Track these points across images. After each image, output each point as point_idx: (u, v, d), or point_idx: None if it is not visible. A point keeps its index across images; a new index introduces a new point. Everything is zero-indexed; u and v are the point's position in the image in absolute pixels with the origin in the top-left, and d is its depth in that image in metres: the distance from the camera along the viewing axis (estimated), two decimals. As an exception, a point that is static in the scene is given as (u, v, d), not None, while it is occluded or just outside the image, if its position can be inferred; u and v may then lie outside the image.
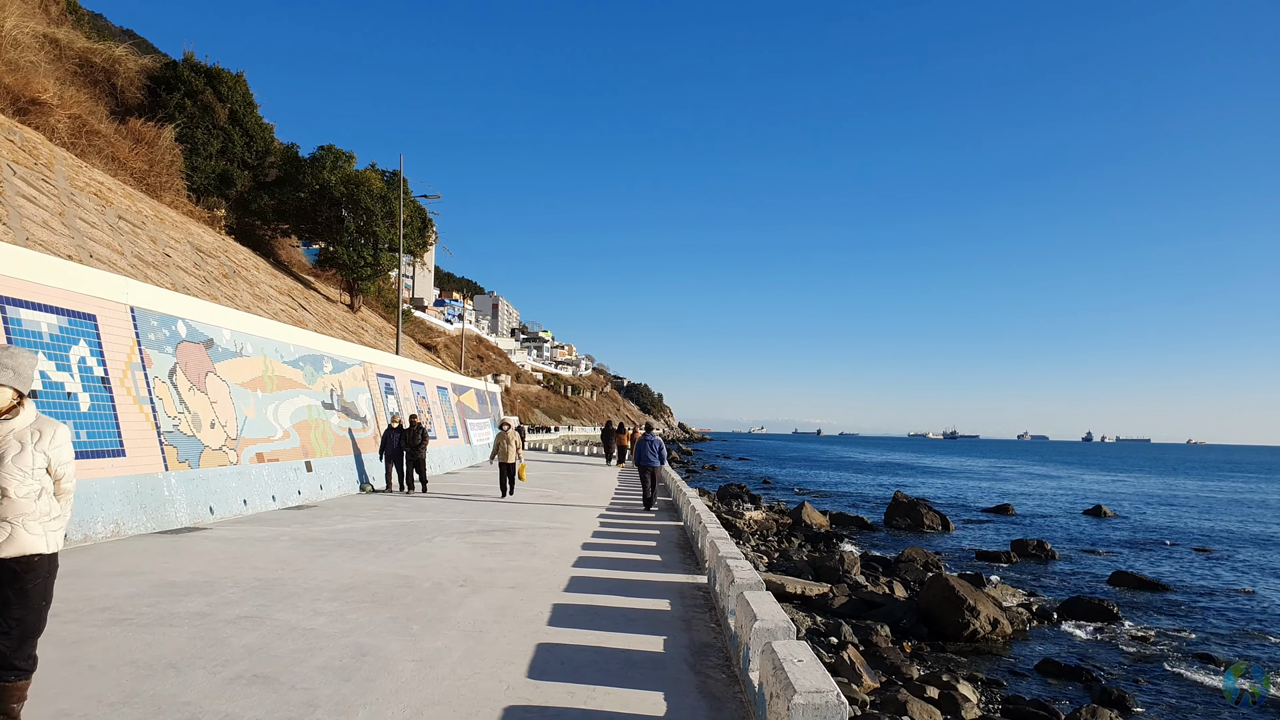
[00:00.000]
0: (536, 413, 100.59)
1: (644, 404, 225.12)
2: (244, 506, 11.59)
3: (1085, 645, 15.13)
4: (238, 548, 8.73)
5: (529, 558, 8.91)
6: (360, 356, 18.59)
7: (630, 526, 12.41)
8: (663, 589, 7.38)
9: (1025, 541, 27.60)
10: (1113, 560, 26.37)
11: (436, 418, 24.42)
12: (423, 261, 41.28)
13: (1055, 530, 34.38)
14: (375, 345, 30.18)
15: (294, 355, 14.92)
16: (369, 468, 17.11)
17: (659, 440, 15.74)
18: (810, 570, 19.83)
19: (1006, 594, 19.16)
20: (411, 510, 13.31)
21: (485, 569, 8.07)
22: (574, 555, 9.20)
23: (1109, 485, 68.11)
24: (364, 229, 33.64)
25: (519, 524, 12.04)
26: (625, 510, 15.08)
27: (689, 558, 9.43)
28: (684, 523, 12.42)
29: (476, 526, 11.58)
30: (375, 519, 11.96)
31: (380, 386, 19.52)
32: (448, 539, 10.22)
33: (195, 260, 17.35)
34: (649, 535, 11.32)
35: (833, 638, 13.71)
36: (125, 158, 21.32)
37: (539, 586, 7.29)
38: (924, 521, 33.78)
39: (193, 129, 27.86)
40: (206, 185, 28.74)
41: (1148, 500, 52.50)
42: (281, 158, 33.31)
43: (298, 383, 14.78)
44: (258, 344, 13.42)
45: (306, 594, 6.51)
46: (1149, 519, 40.36)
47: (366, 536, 10.10)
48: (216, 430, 11.29)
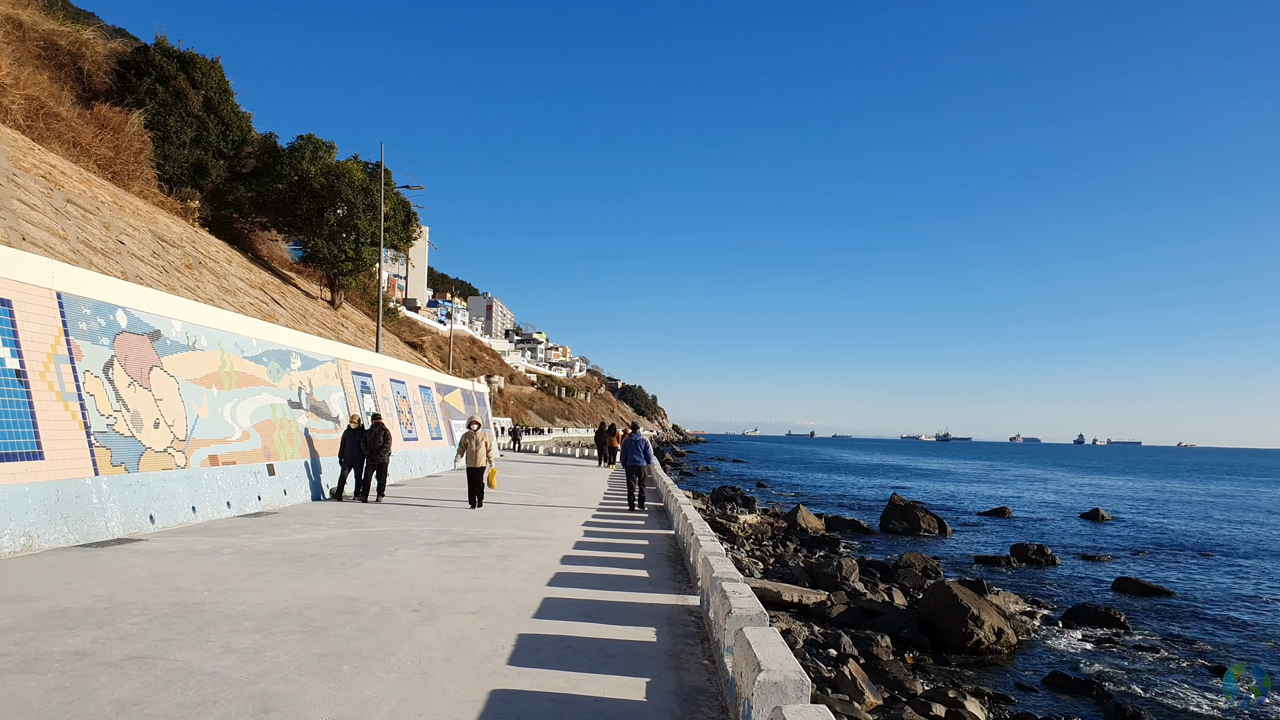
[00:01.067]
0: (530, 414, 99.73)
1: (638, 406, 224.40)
2: (192, 514, 10.56)
3: (1093, 656, 14.59)
4: (167, 563, 7.70)
5: (500, 574, 7.94)
6: (333, 353, 17.56)
7: (617, 535, 11.46)
8: (649, 613, 6.42)
9: (1025, 546, 27.06)
10: (1114, 565, 25.98)
11: (418, 418, 23.38)
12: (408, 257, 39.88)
13: (1054, 534, 33.94)
14: (355, 343, 29.04)
15: (257, 350, 13.87)
16: (337, 471, 16.09)
17: (645, 440, 15.81)
18: (807, 577, 19.17)
19: (1009, 601, 18.52)
20: (379, 518, 12.30)
21: (447, 589, 7.09)
22: (551, 571, 8.23)
23: (1104, 488, 67.73)
24: (345, 222, 32.41)
25: (495, 534, 11.06)
26: (613, 516, 14.13)
27: (680, 573, 8.48)
28: (675, 531, 11.47)
29: (448, 537, 10.60)
30: (337, 528, 10.97)
31: (356, 385, 18.49)
32: (412, 551, 9.23)
33: (155, 249, 16.27)
34: (637, 546, 10.37)
35: (832, 650, 13.07)
36: (89, 143, 20.20)
37: (506, 611, 6.32)
38: (921, 525, 33.28)
39: (164, 116, 26.63)
40: (179, 175, 27.54)
41: (1143, 503, 52.11)
42: (259, 148, 32.06)
43: (261, 380, 13.74)
44: (214, 337, 12.39)
45: (225, 623, 5.51)
46: (1146, 522, 39.97)
47: (321, 549, 9.10)
48: (161, 430, 10.26)
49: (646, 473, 16.35)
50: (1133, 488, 69.37)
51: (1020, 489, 63.51)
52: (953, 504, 47.57)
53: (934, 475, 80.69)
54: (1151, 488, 69.80)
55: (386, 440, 14.65)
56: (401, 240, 37.61)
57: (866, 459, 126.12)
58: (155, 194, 23.88)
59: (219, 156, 30.19)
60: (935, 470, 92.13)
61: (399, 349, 40.04)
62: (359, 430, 14.61)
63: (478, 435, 13.80)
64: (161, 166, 26.16)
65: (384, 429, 14.67)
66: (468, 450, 13.80)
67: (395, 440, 20.53)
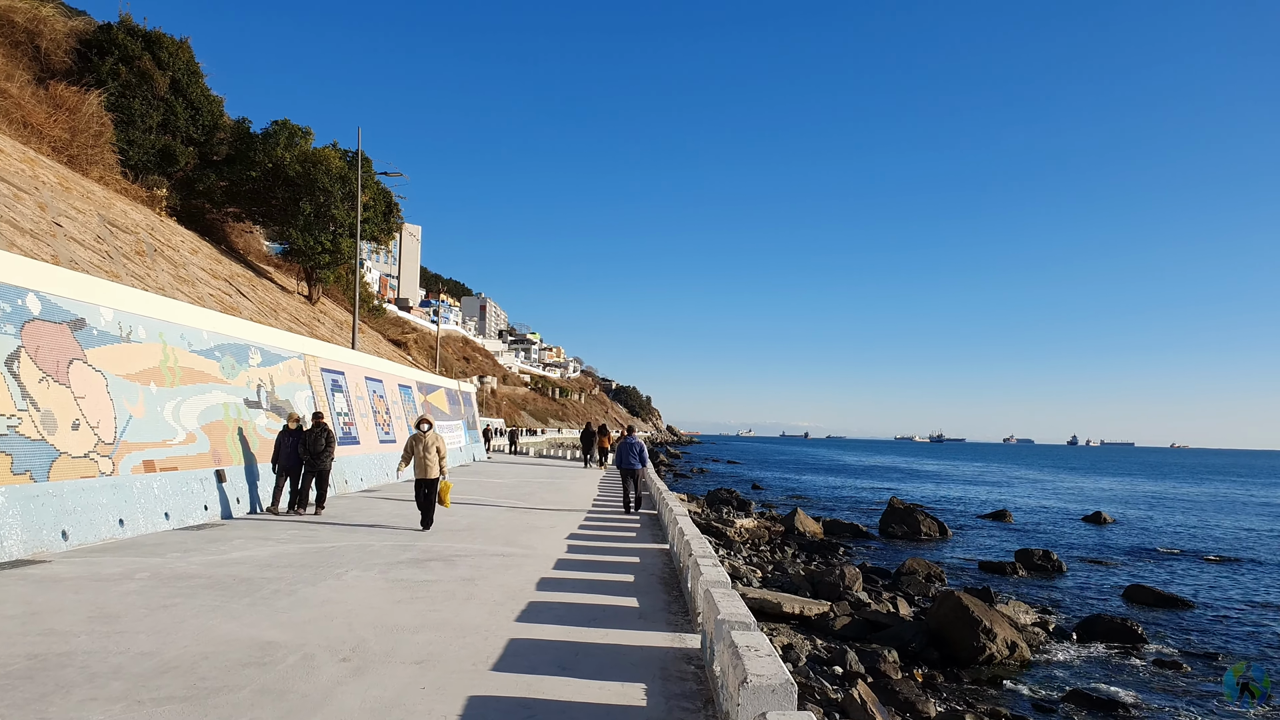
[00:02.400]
0: (523, 415, 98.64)
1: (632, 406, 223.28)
2: (119, 529, 9.24)
3: (1111, 671, 13.78)
4: (54, 594, 6.38)
5: (461, 605, 6.69)
6: (300, 348, 16.23)
7: (604, 552, 10.22)
8: (638, 662, 5.19)
9: (1030, 552, 26.16)
10: (1122, 571, 25.21)
11: (397, 419, 22.06)
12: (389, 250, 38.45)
13: (1057, 538, 33.13)
14: (332, 339, 27.53)
15: (208, 344, 12.53)
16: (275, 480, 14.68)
17: (640, 443, 15.57)
18: (808, 586, 18.24)
19: (1019, 611, 17.61)
20: (338, 531, 10.97)
21: (393, 627, 5.83)
22: (523, 600, 6.98)
23: (1103, 490, 66.98)
24: (321, 212, 30.81)
25: (466, 550, 9.80)
26: (601, 526, 12.87)
27: (675, 600, 7.24)
28: (670, 547, 10.25)
29: (411, 554, 9.33)
30: (286, 543, 9.69)
31: (326, 383, 17.16)
32: (365, 574, 7.95)
33: (100, 234, 14.90)
34: (626, 565, 9.12)
35: (837, 667, 12.18)
36: (41, 124, 18.81)
37: (459, 660, 5.07)
38: (921, 529, 32.45)
39: (128, 99, 25.09)
40: (145, 162, 26.02)
41: (1144, 505, 51.35)
42: (232, 134, 30.47)
43: (212, 376, 12.39)
44: (154, 328, 11.07)
45: (85, 686, 4.24)
46: (1150, 525, 39.19)
47: (258, 570, 7.83)
48: (82, 432, 8.96)
49: (642, 476, 16.03)
50: (1131, 490, 68.68)
51: (1018, 491, 62.70)
52: (952, 506, 46.70)
53: (930, 477, 79.85)
54: (1150, 489, 69.14)
55: (329, 443, 12.78)
56: (382, 232, 35.97)
57: (861, 460, 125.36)
58: (118, 181, 22.48)
59: (188, 143, 28.60)
60: (931, 472, 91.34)
61: (380, 346, 38.52)
62: (297, 432, 12.78)
63: (427, 439, 11.26)
64: (125, 152, 24.69)
65: (326, 430, 12.85)
66: (415, 457, 11.23)
67: (371, 441, 19.20)
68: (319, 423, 12.84)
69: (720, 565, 6.04)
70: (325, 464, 12.63)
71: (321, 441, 12.59)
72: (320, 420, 12.90)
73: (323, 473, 12.67)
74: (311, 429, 12.75)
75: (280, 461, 12.56)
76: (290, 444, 12.54)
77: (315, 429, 12.73)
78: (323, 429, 12.77)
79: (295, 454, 12.52)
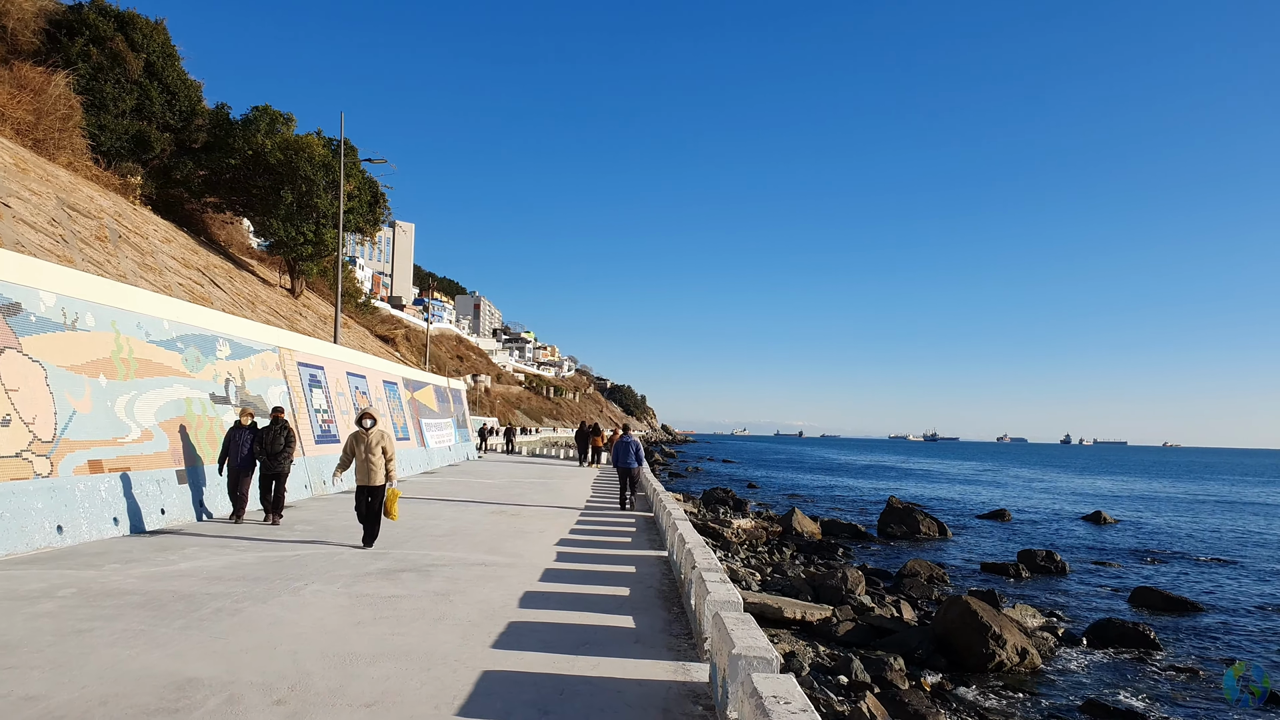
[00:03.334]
0: (517, 414, 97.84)
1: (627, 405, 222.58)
2: (57, 536, 8.32)
3: (1127, 679, 13.26)
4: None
5: (431, 627, 5.83)
6: (274, 340, 15.29)
7: (597, 559, 9.38)
8: (634, 702, 4.33)
9: (1033, 552, 25.60)
10: (1125, 572, 24.74)
11: (382, 416, 21.12)
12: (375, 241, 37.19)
13: (1058, 538, 32.65)
14: (314, 333, 26.47)
15: (170, 334, 11.56)
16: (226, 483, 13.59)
17: (636, 442, 15.79)
18: (809, 589, 17.61)
19: (1026, 615, 17.07)
20: (307, 537, 10.07)
21: (346, 656, 4.96)
22: (503, 619, 6.13)
23: (1100, 489, 66.62)
24: (304, 201, 29.58)
25: (445, 559, 8.92)
26: (595, 530, 12.02)
27: (676, 619, 6.39)
28: (669, 554, 9.40)
29: (384, 563, 8.47)
30: (244, 551, 8.79)
31: (303, 378, 16.21)
32: (327, 587, 7.08)
33: (56, 218, 13.88)
34: (621, 576, 8.27)
35: (842, 676, 11.65)
36: (3, 105, 17.81)
37: (417, 701, 4.21)
38: (920, 528, 31.94)
39: (100, 81, 23.94)
40: (119, 148, 24.90)
41: (1143, 505, 50.91)
42: (210, 120, 29.24)
43: (174, 369, 11.44)
44: (106, 315, 10.14)
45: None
46: (1150, 525, 38.77)
47: (205, 585, 6.94)
48: (14, 429, 8.03)
49: (638, 474, 16.28)
50: (1129, 489, 68.34)
51: (1016, 490, 62.26)
52: (950, 506, 46.17)
53: (926, 476, 79.35)
54: (1148, 489, 68.79)
55: (289, 443, 11.14)
56: (368, 223, 34.69)
57: (857, 459, 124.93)
58: (89, 167, 21.45)
59: (164, 129, 27.40)
60: (927, 471, 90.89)
61: (366, 342, 37.36)
62: (251, 429, 11.18)
63: (371, 437, 9.46)
64: (96, 137, 23.58)
65: (287, 428, 11.25)
66: (356, 459, 9.45)
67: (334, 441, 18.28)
68: (278, 419, 11.34)
69: (729, 582, 5.20)
70: (284, 466, 11.13)
71: (280, 441, 11.10)
72: (279, 416, 11.38)
73: (279, 475, 11.17)
74: (270, 426, 11.26)
75: (230, 463, 11.00)
76: (245, 442, 11.04)
77: (274, 426, 11.24)
78: (282, 426, 11.27)
79: (250, 455, 11.04)
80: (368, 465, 9.34)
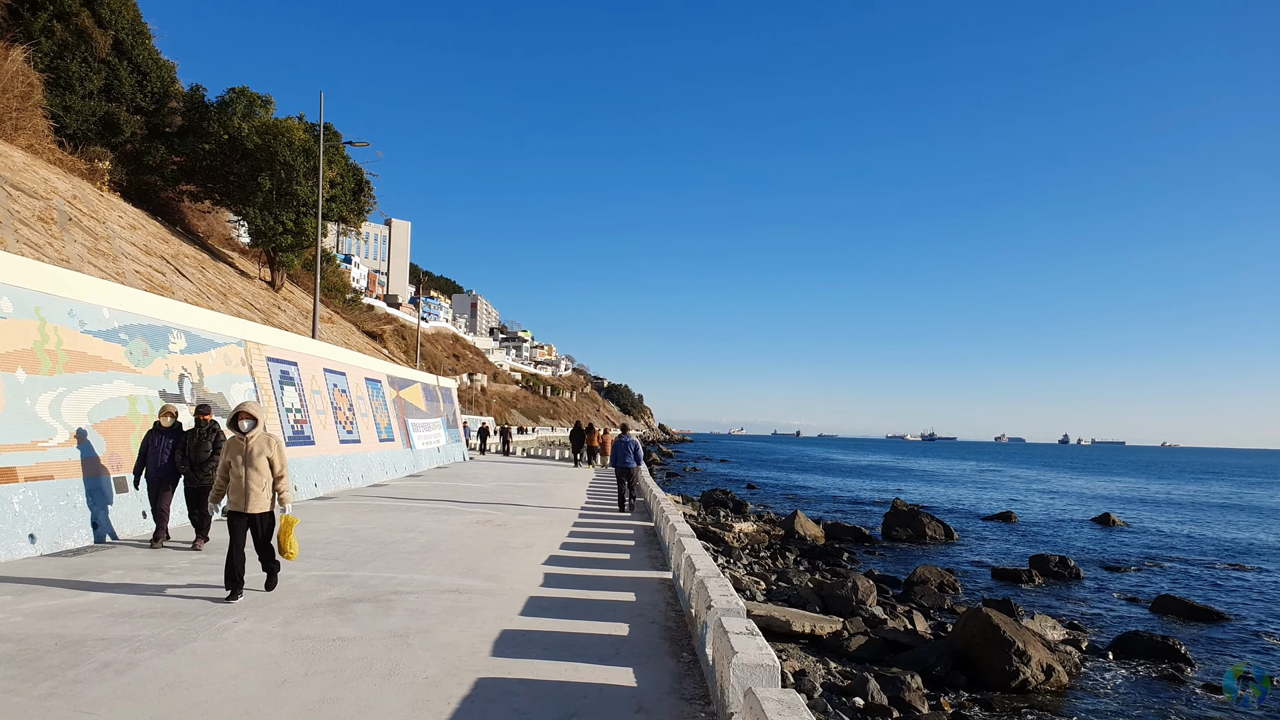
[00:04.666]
0: (514, 413, 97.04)
1: (624, 405, 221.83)
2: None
3: (1160, 698, 12.43)
4: None
5: (377, 687, 4.76)
6: (239, 333, 14.17)
7: (592, 581, 8.40)
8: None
9: (1046, 558, 24.81)
10: (1142, 578, 23.95)
11: (362, 415, 20.08)
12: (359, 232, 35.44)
13: (1068, 542, 31.90)
14: (292, 327, 25.35)
15: (110, 323, 10.39)
16: None
17: (635, 441, 15.73)
18: (817, 600, 16.78)
19: (1046, 627, 16.23)
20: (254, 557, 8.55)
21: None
22: (470, 673, 5.06)
23: (1103, 489, 65.83)
24: (283, 188, 28.16)
25: (413, 582, 7.85)
26: (589, 545, 11.03)
27: (688, 673, 5.37)
28: (674, 579, 8.39)
29: (338, 590, 7.37)
30: (177, 575, 7.64)
31: (273, 375, 15.19)
32: (259, 626, 5.92)
33: (-9, 196, 12.85)
34: (618, 605, 7.28)
35: (858, 698, 10.82)
36: (-49, 81, 16.79)
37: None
38: (926, 532, 31.25)
39: (65, 60, 22.64)
40: (85, 131, 23.54)
41: (1150, 506, 50.17)
42: (185, 103, 27.86)
43: (114, 362, 10.23)
44: (28, 300, 8.93)
45: None
46: (1160, 528, 37.99)
47: (106, 625, 5.73)
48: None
49: (637, 474, 16.23)
50: (1132, 489, 67.58)
51: (1018, 491, 61.48)
52: (953, 507, 45.38)
53: (927, 477, 78.57)
54: (1151, 490, 68.04)
55: (217, 449, 9.26)
56: (352, 212, 32.91)
57: (856, 459, 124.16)
58: (52, 150, 20.29)
59: (135, 111, 26.04)
60: (927, 471, 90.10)
61: (352, 338, 35.97)
62: (174, 430, 9.45)
63: (251, 445, 6.98)
64: (61, 119, 22.33)
65: (215, 430, 9.49)
66: (231, 475, 6.94)
67: (330, 441, 17.30)
68: (204, 419, 9.42)
69: (757, 634, 4.16)
70: (207, 478, 9.29)
71: (207, 447, 9.29)
72: (206, 416, 9.45)
73: (201, 490, 9.36)
74: (195, 429, 9.45)
75: (148, 473, 9.27)
76: (163, 449, 9.29)
77: (199, 429, 9.41)
78: (209, 429, 9.42)
79: (169, 463, 9.29)
80: (246, 485, 6.83)
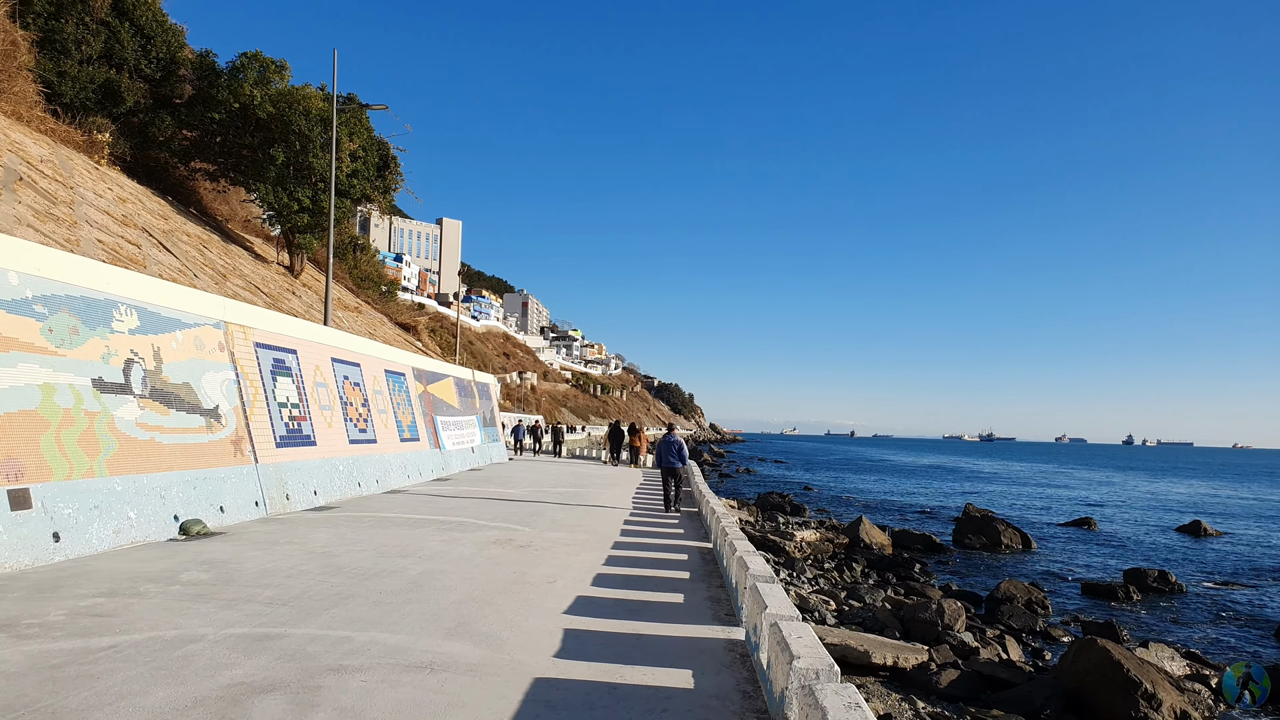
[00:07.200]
0: (564, 411, 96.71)
1: (675, 404, 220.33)
2: None
3: None
4: None
5: None
6: (218, 313, 12.21)
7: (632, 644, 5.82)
8: None
9: (1143, 572, 22.49)
10: (1257, 597, 21.25)
11: (379, 412, 18.19)
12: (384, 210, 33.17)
13: (1157, 552, 29.43)
14: (307, 315, 23.11)
15: (22, 292, 8.52)
16: (207, 494, 10.75)
17: (680, 440, 15.86)
18: (897, 624, 15.01)
19: (1164, 658, 14.09)
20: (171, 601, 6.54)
21: None
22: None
23: (1182, 494, 61.64)
24: (298, 161, 25.96)
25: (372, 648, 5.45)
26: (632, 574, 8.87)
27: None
28: (747, 638, 6.04)
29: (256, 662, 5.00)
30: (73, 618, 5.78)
31: (262, 363, 13.38)
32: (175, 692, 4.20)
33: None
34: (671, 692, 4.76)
35: None
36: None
37: None
38: (1002, 540, 29.14)
39: (60, 21, 21.09)
40: (83, 100, 21.81)
41: (1242, 514, 46.14)
42: (193, 70, 25.79)
43: (22, 341, 8.41)
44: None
45: None
46: (1258, 538, 34.57)
47: None
48: None
49: (683, 474, 16.29)
50: (1212, 494, 63.17)
51: (1090, 495, 58.01)
52: (1023, 512, 42.70)
53: (990, 478, 75.16)
54: (1237, 494, 63.47)
55: None
56: (376, 189, 30.27)
57: (914, 460, 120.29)
58: (43, 119, 18.64)
59: (139, 78, 24.19)
60: (989, 473, 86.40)
61: (379, 329, 33.73)
62: None
63: None
64: (55, 85, 20.75)
65: None
66: None
67: (337, 441, 15.54)
68: None
69: None
70: None
71: None
72: None
73: None
74: None
75: None
76: None
77: None
78: None
79: None
80: None
